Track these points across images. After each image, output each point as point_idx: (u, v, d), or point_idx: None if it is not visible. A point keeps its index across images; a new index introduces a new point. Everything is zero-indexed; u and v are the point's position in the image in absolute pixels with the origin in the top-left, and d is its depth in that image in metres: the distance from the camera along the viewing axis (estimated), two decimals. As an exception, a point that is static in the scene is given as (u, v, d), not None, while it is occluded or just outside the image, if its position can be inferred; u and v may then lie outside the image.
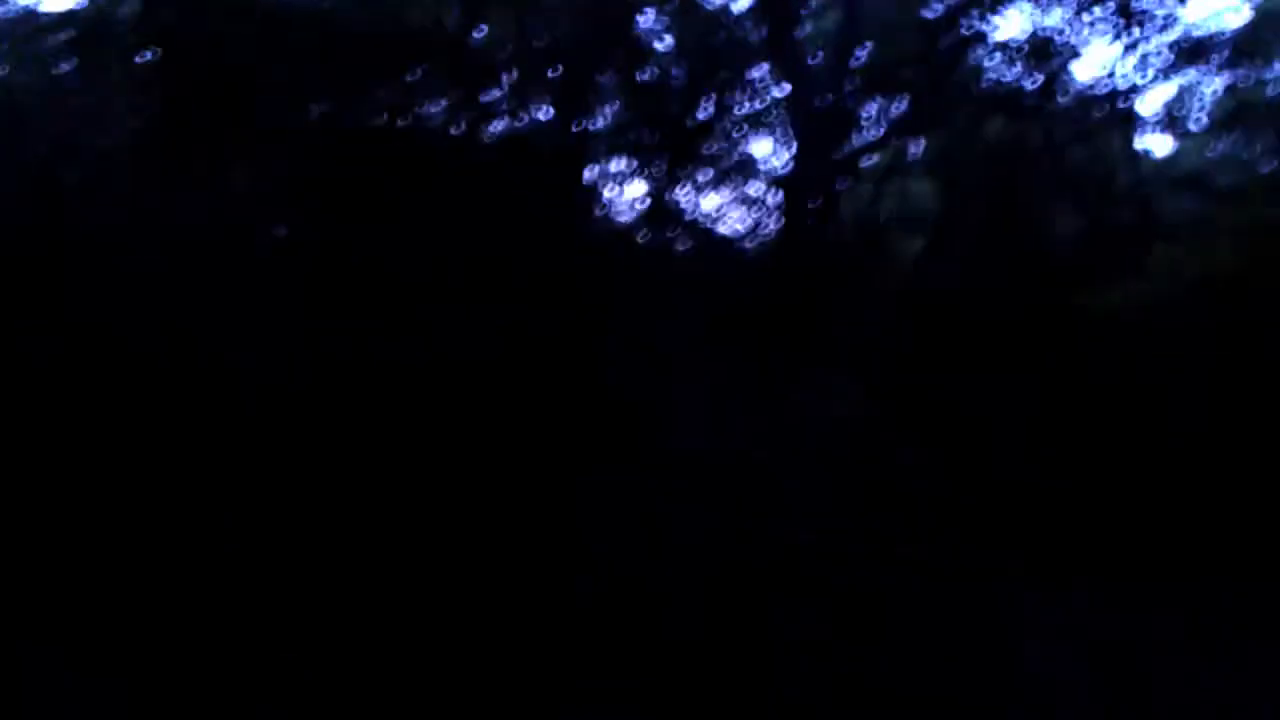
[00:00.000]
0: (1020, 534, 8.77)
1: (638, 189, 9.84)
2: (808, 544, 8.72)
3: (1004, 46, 11.16)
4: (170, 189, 9.10)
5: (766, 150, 10.15)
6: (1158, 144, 11.76)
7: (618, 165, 9.87)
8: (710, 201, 9.79)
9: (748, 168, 10.15)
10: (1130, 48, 11.72)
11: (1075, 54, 11.66)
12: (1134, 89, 11.83)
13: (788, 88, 10.23)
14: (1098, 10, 11.67)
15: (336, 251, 9.14)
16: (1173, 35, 11.92)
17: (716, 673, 7.31)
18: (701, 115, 10.08)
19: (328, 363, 8.26)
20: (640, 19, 9.89)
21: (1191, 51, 11.94)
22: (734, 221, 9.96)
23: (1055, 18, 11.52)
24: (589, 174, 9.76)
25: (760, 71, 10.17)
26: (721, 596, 8.22)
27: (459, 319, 8.96)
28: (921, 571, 8.22)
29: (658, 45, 10.14)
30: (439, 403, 8.69)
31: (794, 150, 10.35)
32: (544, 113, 9.46)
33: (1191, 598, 8.07)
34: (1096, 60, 11.64)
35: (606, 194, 9.80)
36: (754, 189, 10.10)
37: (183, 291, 8.60)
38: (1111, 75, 11.58)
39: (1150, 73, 11.65)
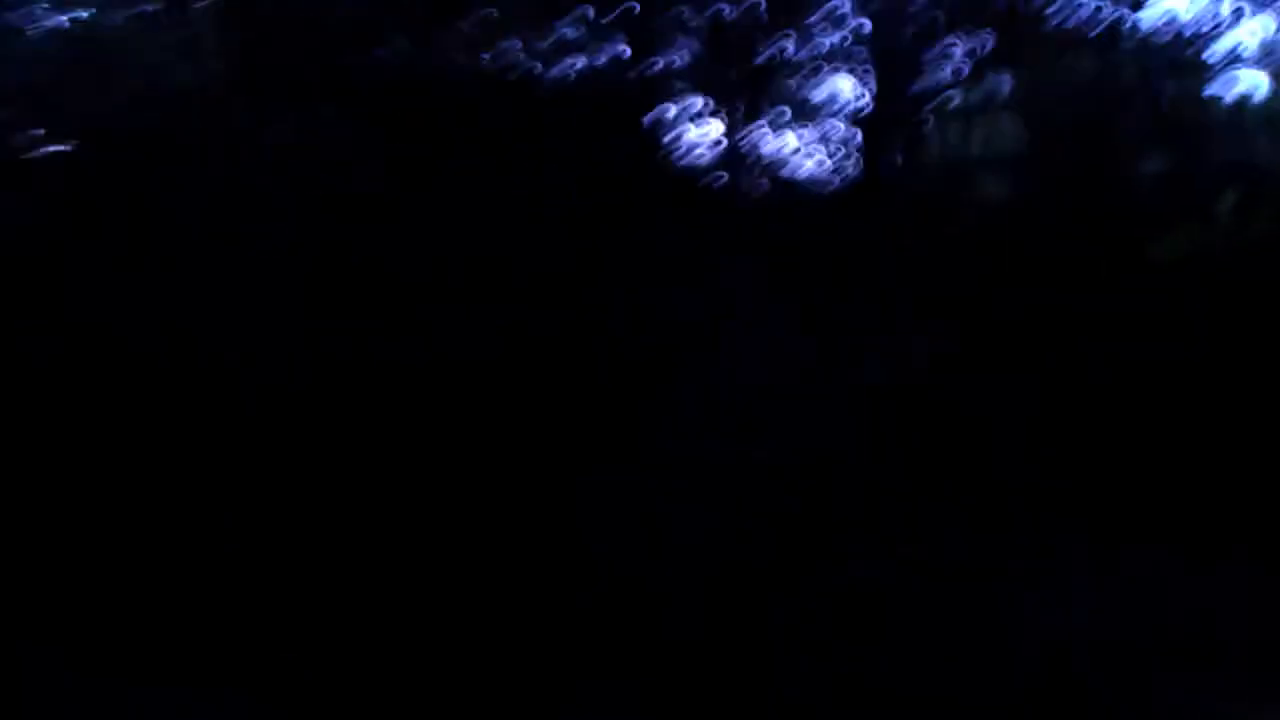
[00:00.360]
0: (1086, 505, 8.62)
1: (713, 128, 9.63)
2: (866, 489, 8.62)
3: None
4: (244, 132, 9.09)
5: (846, 88, 9.87)
6: (1252, 82, 11.25)
7: (692, 103, 9.66)
8: (787, 141, 9.55)
9: (826, 106, 9.88)
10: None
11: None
12: (1225, 25, 11.38)
13: (867, 22, 9.94)
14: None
15: (407, 191, 9.10)
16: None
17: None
18: (777, 52, 9.82)
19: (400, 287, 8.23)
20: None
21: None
22: (812, 162, 9.71)
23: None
24: (662, 112, 9.57)
25: (839, 5, 9.86)
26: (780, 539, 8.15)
27: (527, 257, 8.89)
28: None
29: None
30: (508, 331, 8.64)
31: (872, 90, 10.07)
32: (618, 50, 9.30)
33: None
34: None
35: (680, 133, 9.61)
36: (833, 128, 9.82)
37: (254, 236, 8.60)
38: (1209, 9, 11.16)
39: (1248, 7, 11.18)
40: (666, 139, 9.48)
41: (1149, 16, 11.29)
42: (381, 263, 8.28)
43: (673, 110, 9.47)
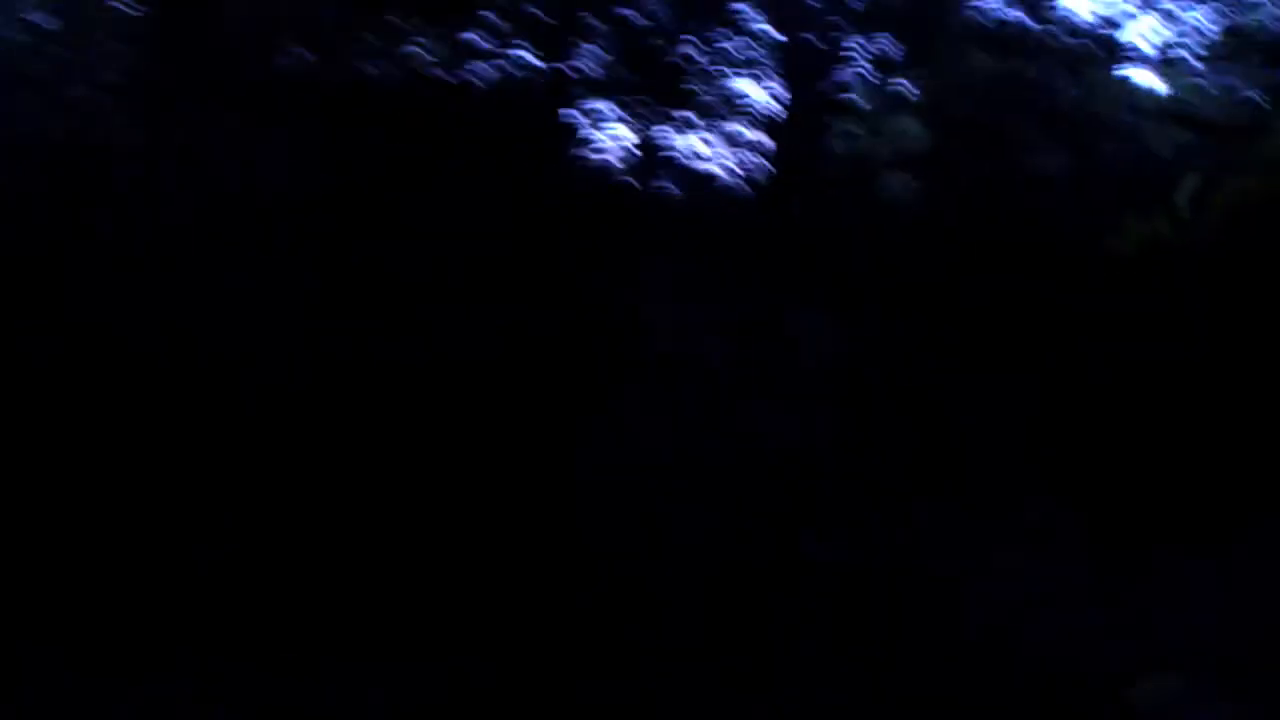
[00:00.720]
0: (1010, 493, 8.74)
1: (621, 130, 9.75)
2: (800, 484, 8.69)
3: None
4: (154, 141, 9.06)
5: (754, 89, 10.04)
6: (1148, 78, 11.59)
7: (600, 105, 9.77)
8: (696, 142, 9.69)
9: (734, 107, 10.03)
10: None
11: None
12: (1123, 21, 11.70)
13: (771, 29, 10.13)
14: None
15: (320, 198, 9.11)
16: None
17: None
18: (688, 54, 9.98)
19: (311, 303, 8.25)
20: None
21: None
22: (721, 162, 9.86)
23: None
24: (570, 114, 9.68)
25: (746, 7, 10.06)
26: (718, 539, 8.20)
27: (440, 263, 8.93)
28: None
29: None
30: (427, 348, 8.67)
31: (781, 89, 10.25)
32: (525, 52, 9.39)
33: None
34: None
35: (589, 134, 9.72)
36: (741, 128, 9.98)
37: (169, 247, 8.57)
38: (1101, 7, 11.47)
39: (1137, 5, 11.51)
40: (575, 141, 9.58)
41: (1047, 17, 11.63)
42: (290, 264, 8.30)
43: (579, 111, 9.58)
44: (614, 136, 9.67)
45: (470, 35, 9.21)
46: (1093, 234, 10.00)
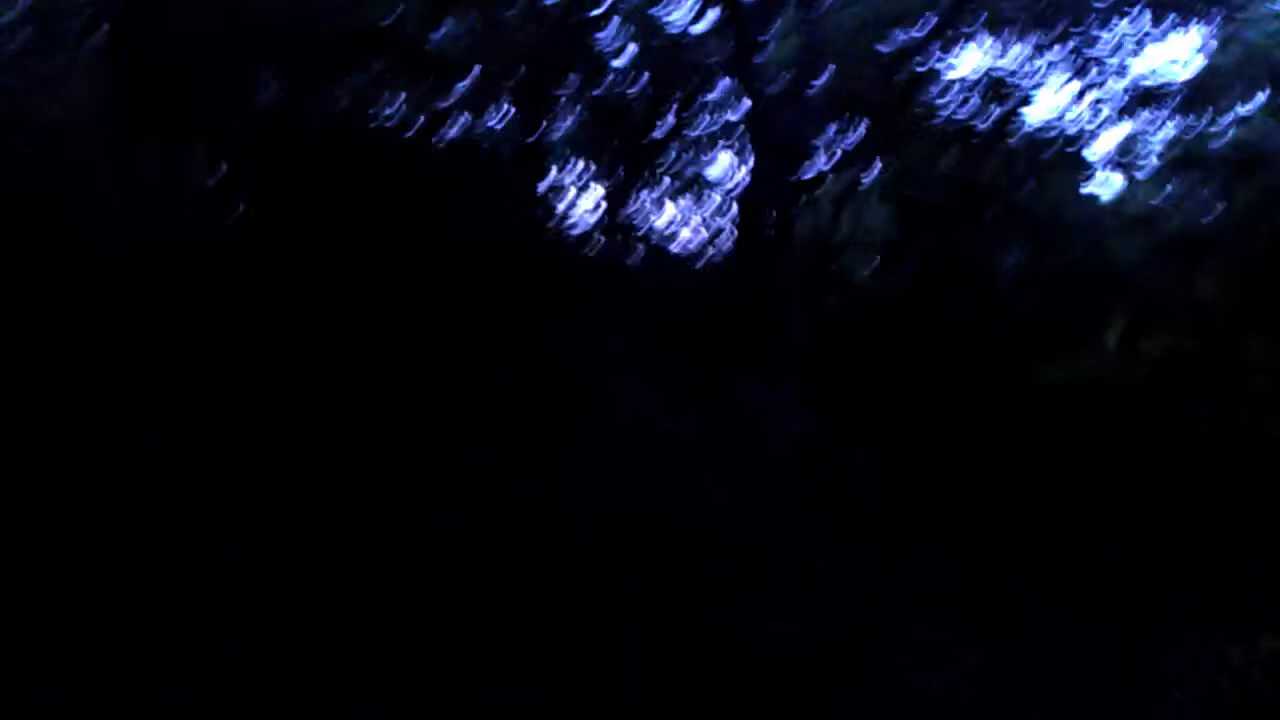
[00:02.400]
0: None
1: (593, 199, 9.84)
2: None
3: (960, 82, 11.39)
4: (116, 177, 8.96)
5: (724, 168, 10.20)
6: (1106, 187, 11.98)
7: (574, 174, 9.86)
8: (667, 211, 9.81)
9: (704, 184, 10.18)
10: (1083, 92, 12.02)
11: (1029, 95, 11.95)
12: (1086, 132, 12.11)
13: (747, 107, 10.31)
14: (1053, 54, 12.01)
15: (280, 247, 9.03)
16: (1124, 82, 12.26)
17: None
18: (660, 131, 10.12)
19: (258, 358, 8.12)
20: (601, 32, 9.95)
21: (1142, 99, 12.25)
22: (689, 236, 9.97)
23: (1011, 58, 11.83)
24: (545, 181, 9.74)
25: (720, 91, 10.25)
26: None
27: (405, 321, 8.85)
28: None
29: (618, 61, 10.21)
30: (377, 398, 8.55)
31: (751, 169, 10.41)
32: (501, 118, 9.45)
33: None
34: (1050, 102, 11.84)
35: (562, 202, 9.78)
36: (710, 205, 10.11)
37: (117, 278, 8.41)
38: (1063, 118, 11.85)
39: (1101, 116, 11.93)
40: (547, 206, 9.63)
41: (1015, 119, 12.00)
42: (253, 307, 8.16)
43: (553, 178, 9.64)
44: (586, 203, 9.76)
45: (445, 101, 9.23)
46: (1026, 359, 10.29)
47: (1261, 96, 12.04)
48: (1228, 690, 7.61)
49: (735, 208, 10.22)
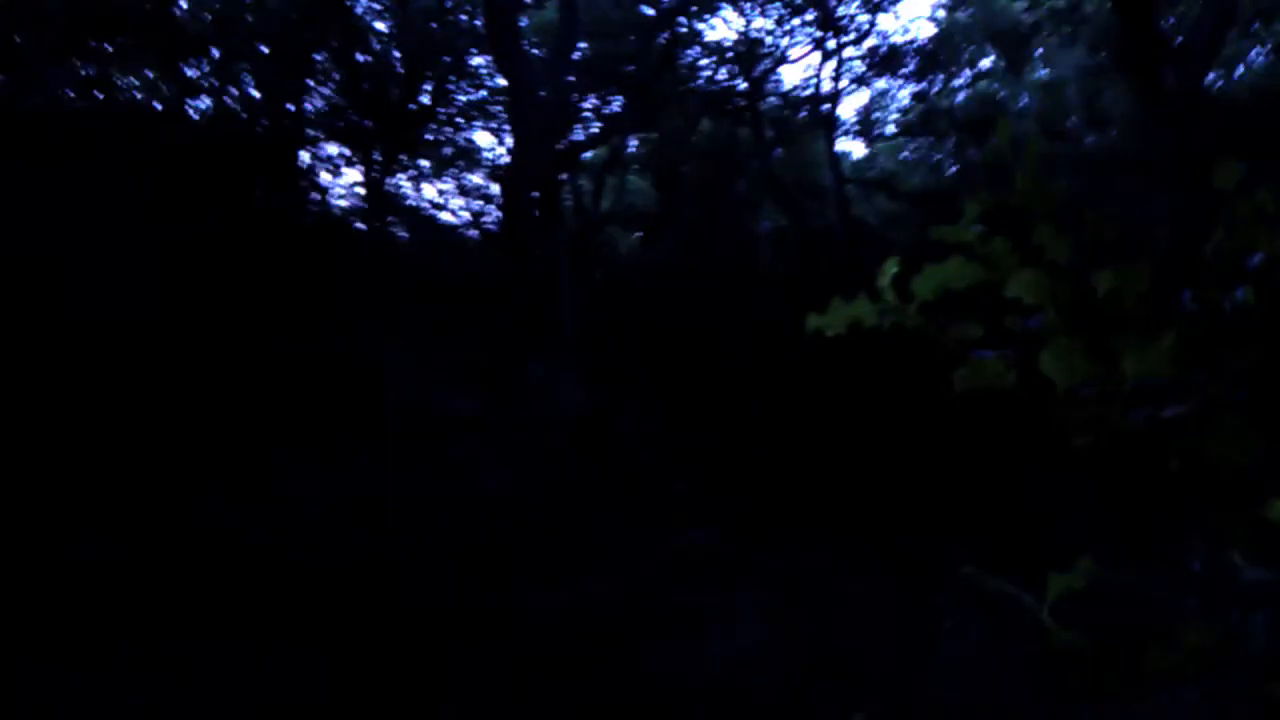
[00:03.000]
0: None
1: (354, 175, 9.59)
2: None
3: (716, 48, 11.66)
4: None
5: (487, 141, 10.13)
6: (853, 146, 12.65)
7: (332, 149, 9.55)
8: (424, 191, 9.67)
9: (468, 157, 10.07)
10: (829, 55, 12.55)
11: (782, 59, 12.35)
12: (833, 94, 12.66)
13: (507, 79, 10.20)
14: (799, 19, 12.44)
15: (16, 234, 8.41)
16: (868, 44, 12.88)
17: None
18: (416, 105, 9.91)
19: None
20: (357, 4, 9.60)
21: (884, 61, 12.91)
22: (453, 210, 9.89)
23: (760, 24, 12.18)
24: (301, 156, 9.40)
25: (481, 60, 10.10)
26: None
27: (160, 307, 8.48)
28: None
29: (377, 26, 9.87)
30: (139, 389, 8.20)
31: (513, 142, 10.36)
32: (252, 90, 9.01)
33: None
34: (800, 66, 12.32)
35: (320, 178, 9.48)
36: (474, 178, 10.04)
37: None
38: (812, 80, 12.38)
39: (846, 80, 12.53)
40: (304, 182, 9.28)
41: (768, 83, 12.41)
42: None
43: (308, 157, 9.30)
44: (343, 181, 9.48)
45: (189, 70, 8.70)
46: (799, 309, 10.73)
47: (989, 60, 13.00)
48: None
49: (500, 183, 10.18)
